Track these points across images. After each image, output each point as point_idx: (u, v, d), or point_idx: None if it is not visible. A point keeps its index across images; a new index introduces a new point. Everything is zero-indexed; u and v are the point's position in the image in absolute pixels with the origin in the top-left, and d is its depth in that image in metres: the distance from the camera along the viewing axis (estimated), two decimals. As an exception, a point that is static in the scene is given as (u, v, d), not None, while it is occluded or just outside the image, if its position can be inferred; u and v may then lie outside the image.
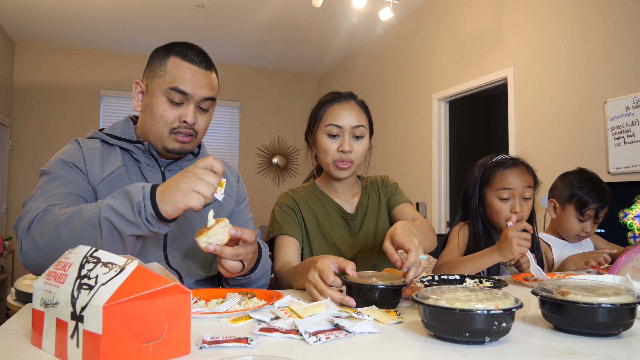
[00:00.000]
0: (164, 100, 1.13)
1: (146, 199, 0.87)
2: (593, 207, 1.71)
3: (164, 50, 1.17)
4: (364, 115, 1.41)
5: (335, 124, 1.36)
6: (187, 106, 1.14)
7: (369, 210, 1.48)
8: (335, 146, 1.37)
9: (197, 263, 1.19)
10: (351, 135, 1.37)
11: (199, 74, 1.14)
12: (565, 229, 1.77)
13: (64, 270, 0.65)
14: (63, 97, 5.62)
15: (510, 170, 1.55)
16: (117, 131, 1.21)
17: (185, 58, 1.14)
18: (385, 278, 0.93)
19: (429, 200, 4.30)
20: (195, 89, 1.13)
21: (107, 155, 1.16)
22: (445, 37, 4.18)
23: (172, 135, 1.15)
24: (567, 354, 0.64)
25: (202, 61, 1.16)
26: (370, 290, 0.90)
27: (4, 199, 5.25)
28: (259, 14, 4.70)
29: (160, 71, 1.14)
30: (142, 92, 1.19)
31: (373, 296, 0.90)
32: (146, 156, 1.18)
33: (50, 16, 4.73)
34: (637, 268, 1.12)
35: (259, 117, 6.50)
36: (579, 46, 2.95)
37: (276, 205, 1.45)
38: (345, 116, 1.37)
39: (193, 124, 1.15)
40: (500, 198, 1.53)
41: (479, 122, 5.86)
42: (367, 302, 0.90)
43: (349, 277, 0.93)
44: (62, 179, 1.07)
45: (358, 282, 0.91)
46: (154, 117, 1.14)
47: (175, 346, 0.60)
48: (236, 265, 0.99)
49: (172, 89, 1.11)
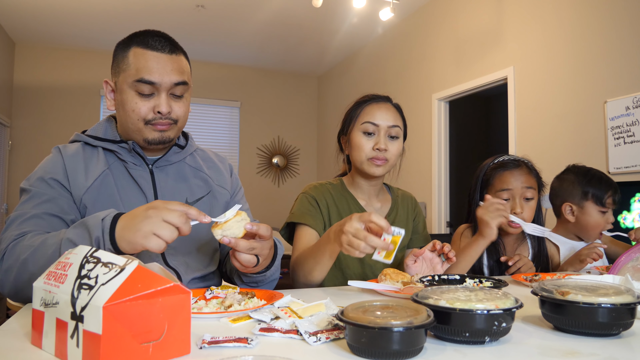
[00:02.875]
0: (133, 94, 1.08)
1: (105, 233, 0.85)
2: (610, 195, 1.68)
3: (124, 43, 1.12)
4: (399, 118, 1.42)
5: (371, 121, 1.36)
6: (159, 96, 1.09)
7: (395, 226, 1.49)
8: (371, 144, 1.37)
9: (196, 259, 1.18)
10: (387, 134, 1.37)
11: (163, 60, 1.08)
12: (591, 227, 1.71)
13: (64, 270, 0.65)
14: (63, 97, 5.62)
15: (510, 171, 1.55)
16: (99, 132, 1.18)
17: (146, 46, 1.09)
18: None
19: (429, 200, 4.30)
20: (162, 76, 1.08)
21: (90, 160, 1.13)
22: (445, 37, 4.18)
23: (149, 126, 1.10)
24: (567, 354, 0.64)
25: (165, 45, 1.10)
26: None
27: (4, 199, 5.25)
28: (259, 14, 4.70)
29: (123, 65, 1.10)
30: (113, 90, 1.15)
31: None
32: (132, 155, 1.15)
33: (50, 16, 4.73)
34: (637, 268, 1.12)
35: (259, 117, 6.50)
36: (578, 46, 2.95)
37: (302, 194, 1.44)
38: (382, 115, 1.37)
39: (168, 113, 1.10)
40: (500, 199, 1.53)
41: (479, 122, 5.86)
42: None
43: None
44: (39, 197, 1.04)
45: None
46: (127, 113, 1.10)
47: (175, 346, 0.60)
48: (250, 259, 0.96)
49: (138, 80, 1.07)
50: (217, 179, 1.28)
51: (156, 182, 1.16)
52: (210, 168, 1.29)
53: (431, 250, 1.23)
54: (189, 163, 1.25)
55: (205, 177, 1.25)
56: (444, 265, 1.24)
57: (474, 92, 3.95)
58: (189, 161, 1.25)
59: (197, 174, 1.25)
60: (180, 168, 1.22)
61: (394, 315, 0.63)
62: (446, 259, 1.23)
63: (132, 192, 1.13)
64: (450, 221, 4.23)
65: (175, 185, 1.19)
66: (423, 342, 0.63)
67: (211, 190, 1.24)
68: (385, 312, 0.65)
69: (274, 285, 1.21)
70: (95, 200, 1.07)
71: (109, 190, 1.10)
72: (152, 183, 1.16)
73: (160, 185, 1.16)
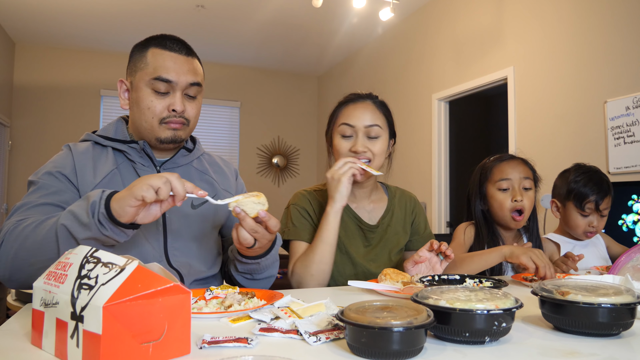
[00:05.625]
0: (149, 92, 1.12)
1: (102, 199, 0.87)
2: (592, 200, 1.67)
3: (142, 44, 1.17)
4: (380, 115, 1.37)
5: (347, 122, 1.34)
6: (174, 94, 1.13)
7: (389, 228, 1.46)
8: (348, 146, 1.34)
9: (199, 261, 1.18)
10: (365, 135, 1.34)
11: (180, 61, 1.14)
12: (571, 227, 1.75)
13: (64, 270, 0.65)
14: (63, 97, 5.62)
15: (508, 162, 1.59)
16: (109, 132, 1.20)
17: (164, 47, 1.14)
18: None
19: (429, 200, 4.30)
20: (179, 75, 1.12)
21: (99, 159, 1.15)
22: (445, 37, 4.18)
23: (162, 125, 1.14)
24: (567, 354, 0.64)
25: (182, 48, 1.16)
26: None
27: (4, 199, 5.25)
28: (259, 14, 4.70)
29: (141, 64, 1.14)
30: (127, 89, 1.18)
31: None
32: (141, 156, 1.17)
33: (50, 16, 4.73)
34: (637, 268, 1.12)
35: (259, 117, 6.50)
36: (578, 46, 2.95)
37: (292, 206, 1.42)
38: (358, 115, 1.34)
39: (182, 111, 1.14)
40: (500, 189, 1.56)
41: (479, 122, 5.86)
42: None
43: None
44: (45, 189, 1.06)
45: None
46: (141, 111, 1.13)
47: (175, 346, 0.60)
48: (248, 238, 0.99)
49: (156, 78, 1.11)
50: (222, 183, 1.30)
51: None
52: (216, 172, 1.31)
53: (429, 250, 1.24)
54: (195, 166, 1.27)
55: (211, 180, 1.27)
56: (443, 263, 1.24)
57: (474, 92, 3.95)
58: (195, 164, 1.27)
59: (203, 177, 1.27)
60: (187, 171, 1.24)
61: (394, 315, 0.63)
62: (444, 257, 1.23)
63: None
64: (450, 221, 4.23)
65: None
66: (423, 342, 0.63)
67: (216, 194, 1.25)
68: (385, 312, 0.65)
69: (270, 282, 1.22)
70: None
71: (116, 188, 1.09)
72: None
73: None
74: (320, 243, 1.28)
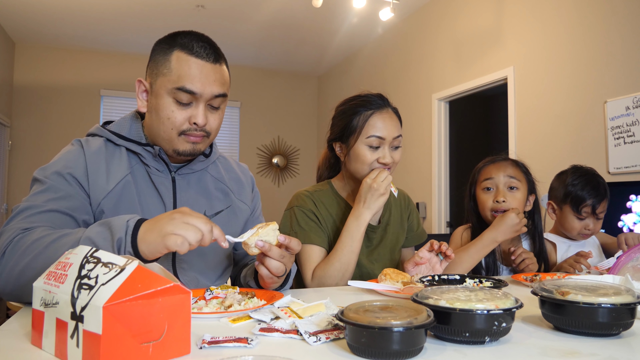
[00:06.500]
0: (171, 101, 1.03)
1: (128, 235, 0.81)
2: (589, 204, 1.68)
3: (166, 43, 1.05)
4: (399, 124, 1.38)
5: (378, 135, 1.32)
6: (197, 106, 1.04)
7: (389, 227, 1.47)
8: (375, 157, 1.33)
9: (207, 276, 1.16)
10: (391, 146, 1.34)
11: (207, 70, 1.03)
12: (567, 229, 1.75)
13: (64, 270, 0.65)
14: (63, 97, 5.62)
15: (494, 164, 1.59)
16: (124, 129, 1.11)
17: (190, 52, 1.02)
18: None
19: (429, 200, 4.30)
20: (204, 86, 1.02)
21: (112, 159, 1.07)
22: (445, 37, 4.18)
23: (182, 137, 1.05)
24: (567, 354, 0.64)
25: (210, 53, 1.04)
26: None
27: (4, 199, 5.25)
28: (259, 14, 4.70)
29: (164, 68, 1.03)
30: (146, 90, 1.09)
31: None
32: (156, 160, 1.10)
33: (50, 16, 4.73)
34: (637, 268, 1.12)
35: (259, 117, 6.50)
36: (579, 46, 2.95)
37: (296, 208, 1.37)
38: (387, 127, 1.33)
39: (204, 125, 1.05)
40: (484, 189, 1.57)
41: (479, 122, 5.86)
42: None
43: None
44: (54, 192, 0.98)
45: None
46: (160, 120, 1.04)
47: (175, 346, 0.60)
48: (280, 267, 0.95)
49: (179, 88, 1.01)
50: (238, 192, 1.24)
51: (177, 191, 1.12)
52: (231, 179, 1.26)
53: (429, 250, 1.24)
54: (210, 172, 1.21)
55: (226, 189, 1.22)
56: (443, 263, 1.24)
57: (474, 92, 3.95)
58: (211, 170, 1.22)
59: (218, 185, 1.21)
60: (202, 177, 1.19)
61: (394, 315, 0.63)
62: (444, 257, 1.23)
63: (151, 199, 1.09)
64: (450, 221, 4.23)
65: (196, 196, 1.15)
66: (423, 342, 0.63)
67: (231, 205, 1.21)
68: (385, 312, 0.65)
69: None
70: (115, 206, 1.03)
71: (129, 196, 1.05)
72: (173, 191, 1.12)
73: (181, 194, 1.13)
74: (349, 253, 1.27)
